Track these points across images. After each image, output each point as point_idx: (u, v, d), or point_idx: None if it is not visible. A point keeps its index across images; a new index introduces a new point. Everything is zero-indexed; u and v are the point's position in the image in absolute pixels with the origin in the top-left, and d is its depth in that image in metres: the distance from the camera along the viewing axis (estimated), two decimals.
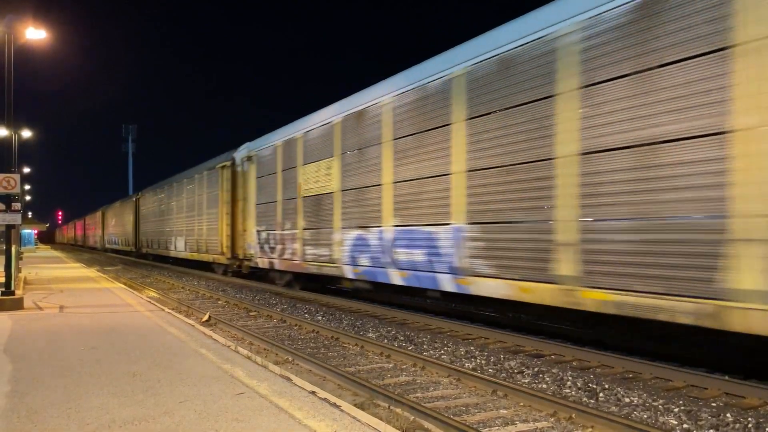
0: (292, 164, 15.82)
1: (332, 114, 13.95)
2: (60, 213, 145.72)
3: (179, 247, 28.80)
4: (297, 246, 15.30)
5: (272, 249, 16.90)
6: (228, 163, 21.11)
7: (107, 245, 55.42)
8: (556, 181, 7.88)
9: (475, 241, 9.30)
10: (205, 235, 24.38)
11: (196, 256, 25.61)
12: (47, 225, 79.60)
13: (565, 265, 7.71)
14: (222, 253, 21.54)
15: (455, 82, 9.84)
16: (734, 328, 5.87)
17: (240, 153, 20.13)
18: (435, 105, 10.34)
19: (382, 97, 11.96)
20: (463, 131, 9.62)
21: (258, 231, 18.01)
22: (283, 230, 16.21)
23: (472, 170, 9.39)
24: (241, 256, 19.68)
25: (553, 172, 7.91)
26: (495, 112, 8.93)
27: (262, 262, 17.68)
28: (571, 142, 7.67)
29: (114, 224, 51.40)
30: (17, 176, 12.87)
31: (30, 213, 76.29)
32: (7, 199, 12.80)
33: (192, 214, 26.56)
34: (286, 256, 15.89)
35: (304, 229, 14.95)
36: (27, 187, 59.61)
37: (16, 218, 12.81)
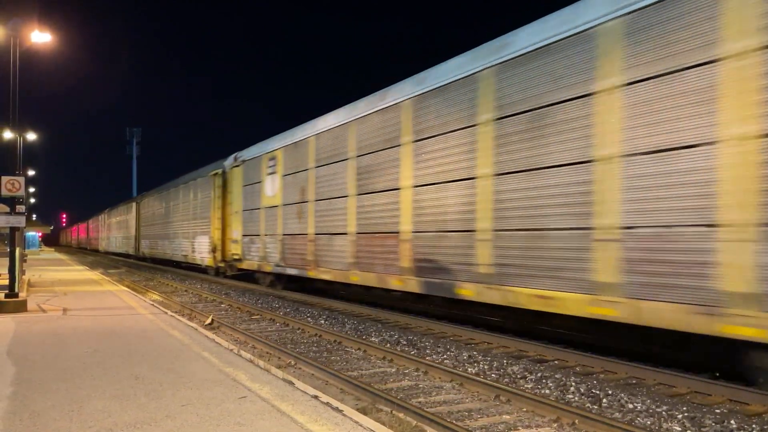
0: (159, 209, 33.63)
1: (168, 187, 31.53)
2: (64, 215, 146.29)
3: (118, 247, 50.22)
4: (167, 249, 31.11)
5: (150, 247, 36.05)
6: (134, 203, 40.94)
7: (88, 247, 79.13)
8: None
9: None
10: (115, 238, 50.84)
11: (118, 250, 49.68)
12: (51, 227, 79.74)
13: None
14: (132, 248, 41.30)
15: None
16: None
17: (137, 199, 39.61)
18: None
19: (197, 178, 26.01)
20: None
21: (144, 239, 37.92)
22: (155, 244, 34.65)
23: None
24: (145, 251, 37.86)
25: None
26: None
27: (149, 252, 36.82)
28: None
29: (93, 230, 75.03)
30: (22, 179, 12.87)
31: (34, 215, 76.50)
32: (12, 202, 12.83)
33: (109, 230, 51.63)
34: (158, 250, 33.44)
35: (150, 245, 34.26)
36: (31, 189, 60.27)
37: (20, 221, 12.82)
